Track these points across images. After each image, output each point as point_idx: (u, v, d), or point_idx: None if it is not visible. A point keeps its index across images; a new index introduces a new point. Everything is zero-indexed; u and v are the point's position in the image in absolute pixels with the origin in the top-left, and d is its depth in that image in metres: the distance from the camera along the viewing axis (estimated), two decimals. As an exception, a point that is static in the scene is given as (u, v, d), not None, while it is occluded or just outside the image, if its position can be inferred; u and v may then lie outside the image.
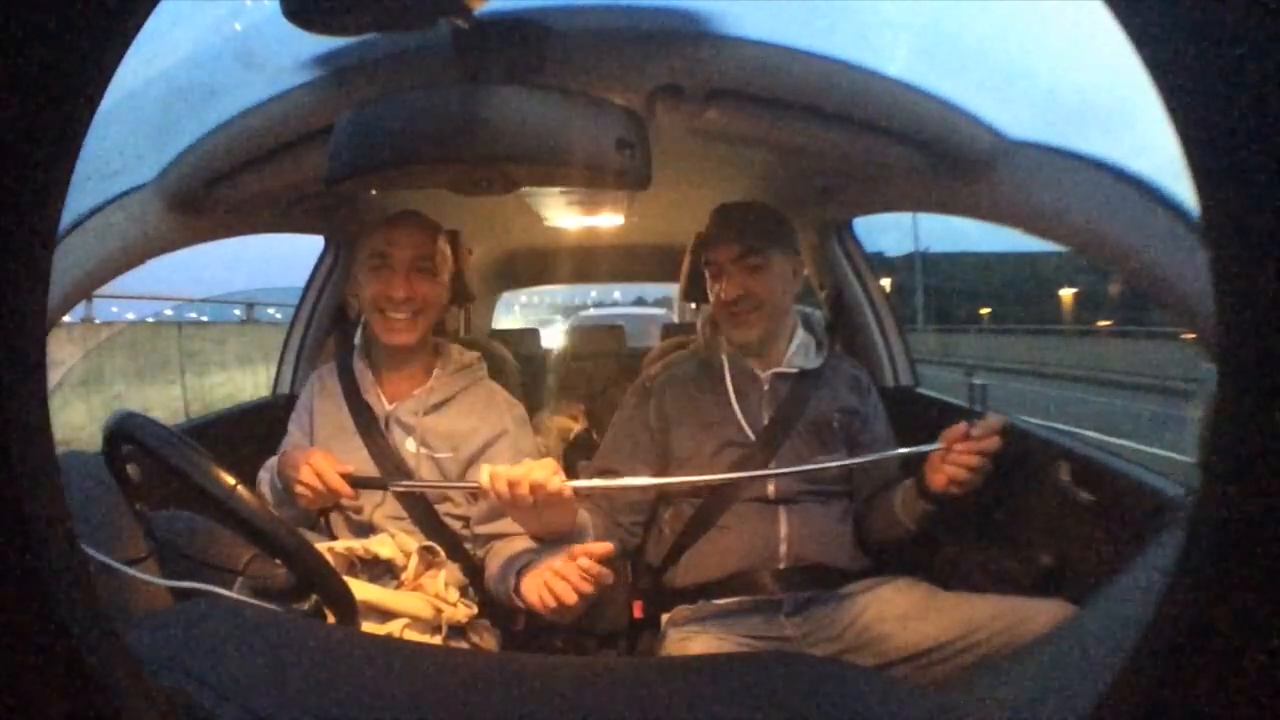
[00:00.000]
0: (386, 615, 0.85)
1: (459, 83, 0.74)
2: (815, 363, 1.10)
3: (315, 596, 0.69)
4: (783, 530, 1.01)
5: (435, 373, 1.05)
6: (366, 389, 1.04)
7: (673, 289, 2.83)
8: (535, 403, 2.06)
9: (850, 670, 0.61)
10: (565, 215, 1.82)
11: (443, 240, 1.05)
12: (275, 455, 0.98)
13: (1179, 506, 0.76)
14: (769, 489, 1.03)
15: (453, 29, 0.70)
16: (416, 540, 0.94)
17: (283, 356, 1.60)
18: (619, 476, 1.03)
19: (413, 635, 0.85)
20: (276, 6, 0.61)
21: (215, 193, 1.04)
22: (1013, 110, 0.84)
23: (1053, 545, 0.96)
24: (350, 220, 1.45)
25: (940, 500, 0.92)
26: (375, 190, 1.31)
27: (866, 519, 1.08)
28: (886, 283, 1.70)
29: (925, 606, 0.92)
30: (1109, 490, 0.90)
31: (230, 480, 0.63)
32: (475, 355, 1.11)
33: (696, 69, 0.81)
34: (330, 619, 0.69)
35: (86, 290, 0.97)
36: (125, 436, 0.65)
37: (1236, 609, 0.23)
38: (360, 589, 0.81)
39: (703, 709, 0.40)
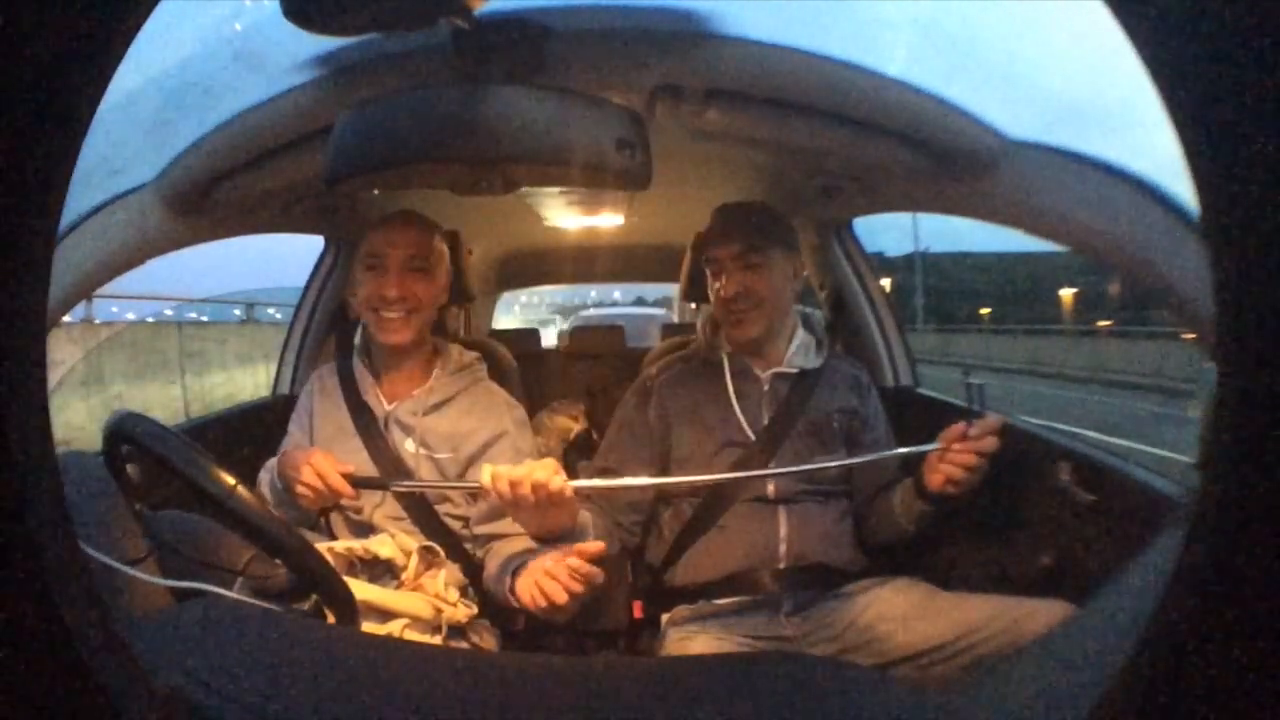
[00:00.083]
0: (386, 615, 0.85)
1: (459, 83, 0.74)
2: (815, 362, 1.10)
3: (315, 596, 0.69)
4: (782, 530, 1.01)
5: (435, 373, 1.04)
6: (366, 389, 1.04)
7: (673, 289, 2.84)
8: (535, 403, 2.06)
9: (850, 670, 0.61)
10: (565, 215, 1.82)
11: (438, 239, 1.04)
12: (275, 456, 0.98)
13: (1179, 506, 0.76)
14: (769, 489, 1.03)
15: (453, 29, 0.70)
16: (416, 540, 0.94)
17: (283, 357, 1.60)
18: (619, 476, 1.03)
19: (413, 635, 0.85)
20: (276, 6, 0.61)
21: (215, 193, 1.03)
22: (1013, 110, 0.84)
23: (1053, 545, 0.96)
24: (350, 220, 1.45)
25: (938, 500, 0.92)
26: (375, 190, 1.31)
27: (866, 519, 1.08)
28: (886, 283, 1.70)
29: (925, 606, 0.92)
30: (1109, 490, 0.90)
31: (230, 480, 0.63)
32: (475, 355, 1.11)
33: (696, 69, 0.81)
34: (330, 619, 0.69)
35: (86, 290, 0.97)
36: (125, 436, 0.65)
37: (1236, 609, 0.23)
38: (360, 589, 0.81)
39: (703, 709, 0.40)
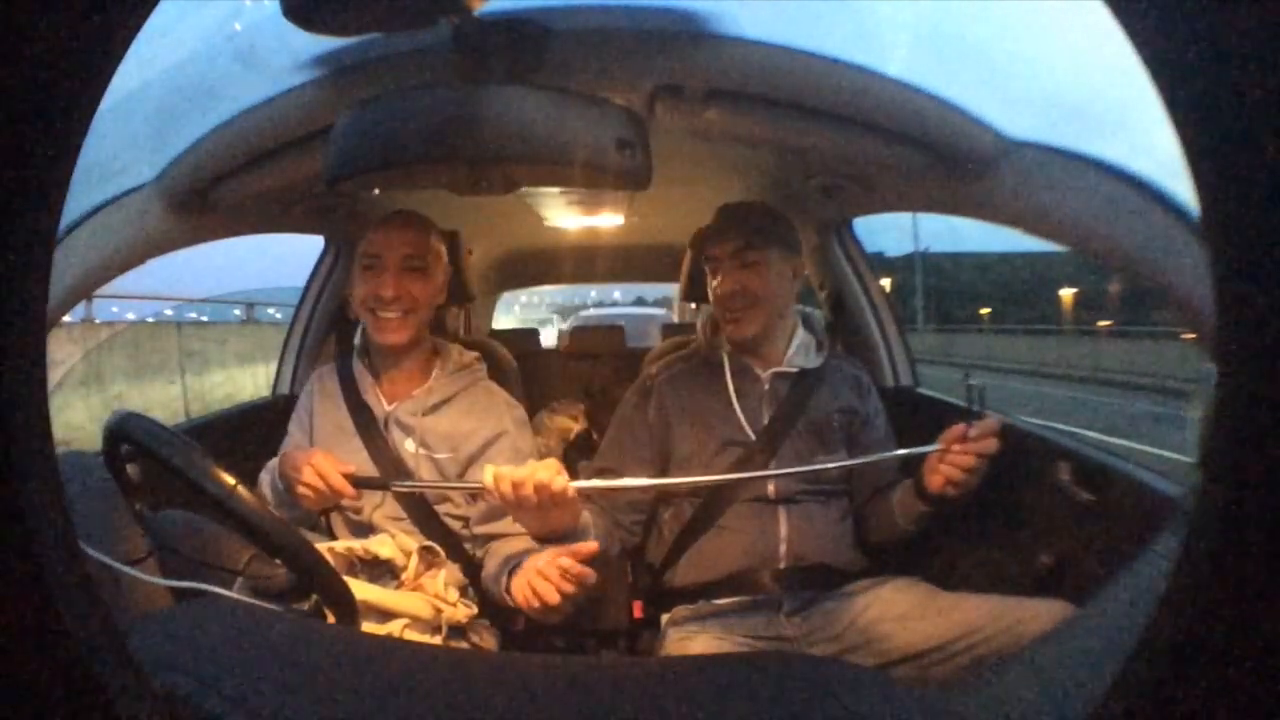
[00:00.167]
0: (386, 615, 0.85)
1: (459, 83, 0.74)
2: (815, 362, 1.10)
3: (315, 596, 0.69)
4: (783, 530, 1.01)
5: (434, 373, 1.04)
6: (365, 390, 1.04)
7: (673, 289, 2.84)
8: (535, 403, 2.06)
9: (850, 670, 0.60)
10: (565, 215, 1.82)
11: (435, 239, 1.04)
12: (275, 456, 0.98)
13: (1179, 506, 0.76)
14: (769, 489, 1.03)
15: (453, 29, 0.70)
16: (416, 540, 0.94)
17: (283, 357, 1.60)
18: (619, 476, 1.03)
19: (413, 635, 0.85)
20: (276, 6, 0.61)
21: (215, 193, 1.03)
22: (1013, 110, 0.84)
23: (1053, 545, 0.96)
24: (350, 220, 1.45)
25: (937, 501, 0.93)
26: (375, 190, 1.31)
27: (865, 519, 1.08)
28: (886, 283, 1.70)
29: (925, 606, 0.92)
30: (1109, 490, 0.90)
31: (230, 480, 0.63)
32: (474, 355, 1.11)
33: (696, 69, 0.81)
34: (330, 619, 0.69)
35: (86, 290, 0.97)
36: (125, 436, 0.65)
37: (1236, 609, 0.23)
38: (360, 589, 0.81)
39: (703, 709, 0.40)
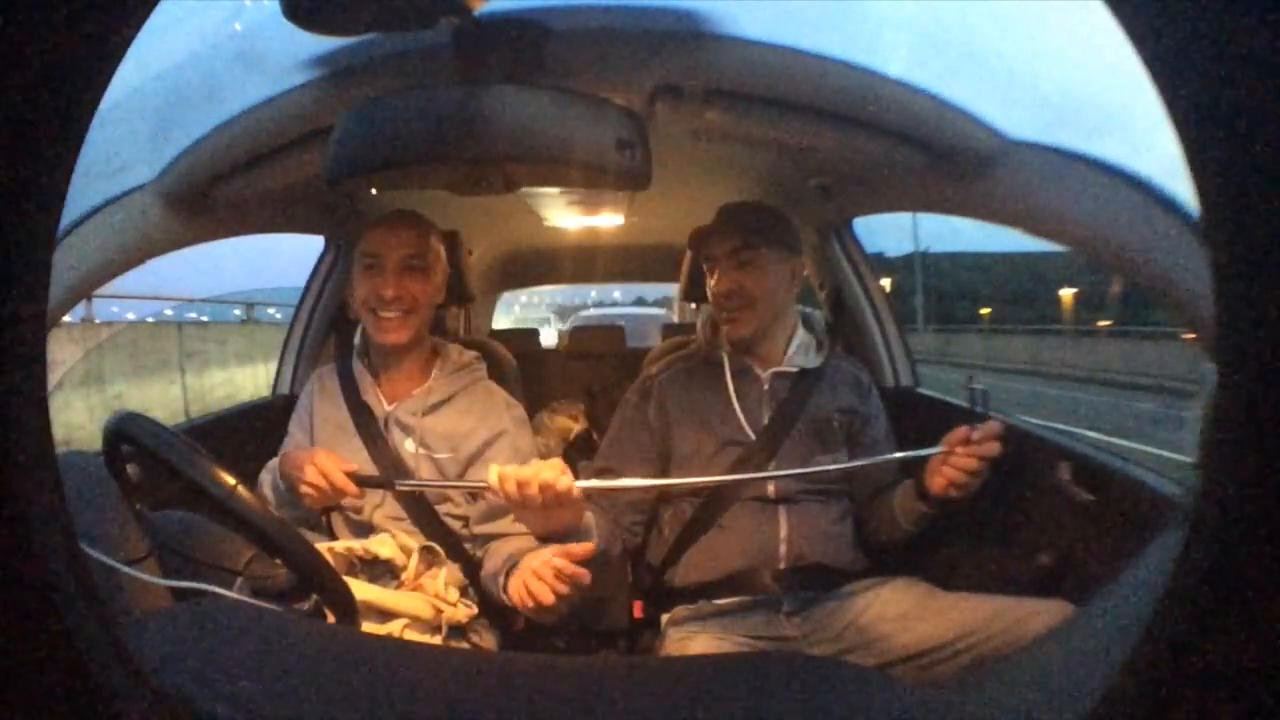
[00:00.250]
0: (386, 615, 0.85)
1: (459, 83, 0.74)
2: (815, 362, 1.10)
3: (315, 596, 0.69)
4: (783, 530, 1.01)
5: (434, 373, 1.04)
6: (365, 390, 1.04)
7: (673, 289, 2.84)
8: (535, 403, 2.06)
9: (850, 670, 0.60)
10: (565, 215, 1.83)
11: (435, 239, 1.04)
12: (276, 456, 0.98)
13: (1179, 506, 0.76)
14: (769, 489, 1.03)
15: (453, 29, 0.70)
16: (416, 540, 0.94)
17: (283, 357, 1.60)
18: (620, 476, 1.03)
19: (413, 635, 0.85)
20: (276, 6, 0.61)
21: (215, 193, 1.04)
22: (1013, 110, 0.84)
23: (1053, 545, 0.96)
24: (350, 220, 1.45)
25: (938, 503, 0.93)
26: (375, 190, 1.31)
27: (866, 519, 1.08)
28: (886, 283, 1.69)
29: (925, 606, 0.92)
30: (1109, 490, 0.90)
31: (230, 480, 0.63)
32: (474, 355, 1.11)
33: (696, 69, 0.81)
34: (330, 619, 0.69)
35: (86, 290, 0.98)
36: (125, 436, 0.65)
37: (1236, 609, 0.23)
38: (360, 589, 0.81)
39: (703, 709, 0.40)
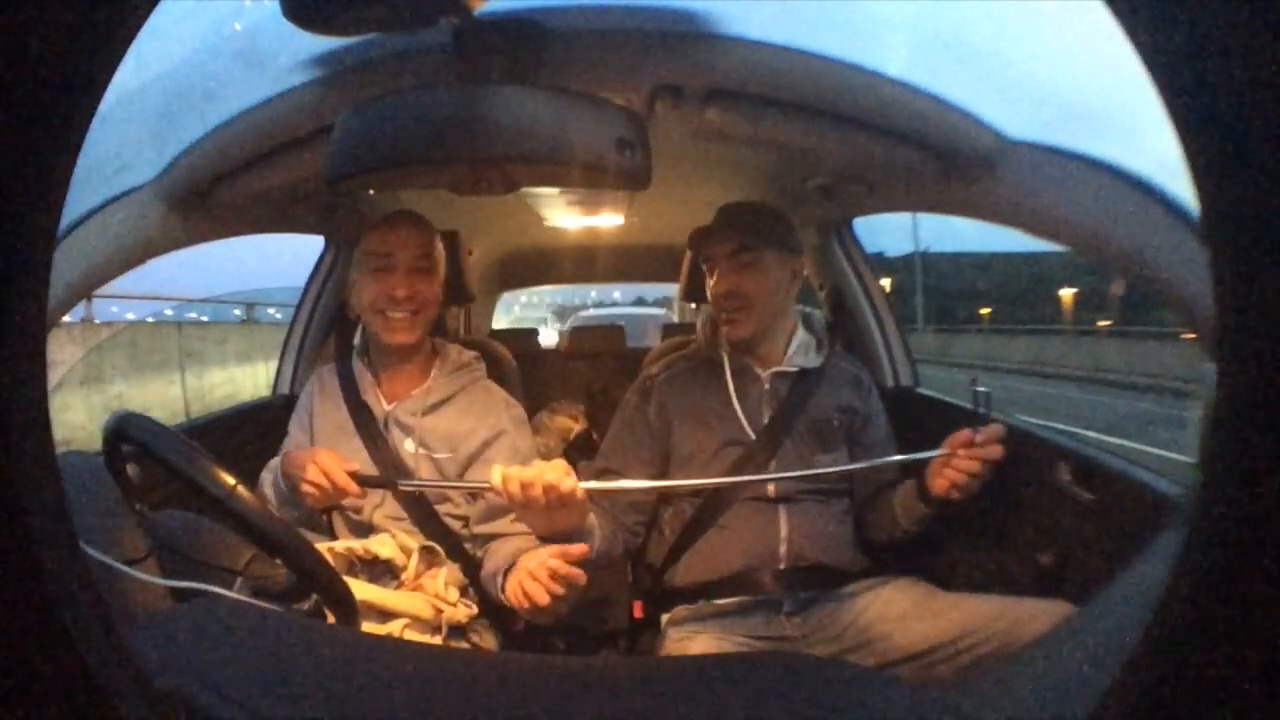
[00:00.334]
0: (386, 615, 0.85)
1: (459, 83, 0.74)
2: (816, 362, 1.10)
3: (315, 596, 0.69)
4: (783, 530, 1.01)
5: (433, 373, 1.05)
6: (365, 389, 1.04)
7: (673, 289, 2.84)
8: (535, 403, 2.06)
9: (851, 670, 0.60)
10: (565, 215, 1.83)
11: (437, 239, 1.05)
12: (276, 455, 0.98)
13: (1179, 506, 0.76)
14: (769, 488, 1.03)
15: (453, 29, 0.70)
16: (416, 540, 0.94)
17: (283, 356, 1.60)
18: (620, 476, 1.03)
19: (413, 635, 0.85)
20: (276, 6, 0.61)
21: (215, 193, 1.03)
22: (1013, 110, 0.84)
23: (1053, 545, 0.96)
24: (350, 220, 1.45)
25: (940, 504, 0.93)
26: (375, 190, 1.31)
27: (866, 519, 1.08)
28: (886, 283, 1.69)
29: (925, 606, 0.93)
30: (1109, 490, 0.90)
31: (230, 480, 0.63)
32: (473, 355, 1.11)
33: (696, 69, 0.81)
34: (330, 619, 0.69)
35: (86, 290, 0.97)
36: (125, 436, 0.65)
37: (1236, 609, 0.23)
38: (360, 589, 0.81)
39: (703, 709, 0.40)
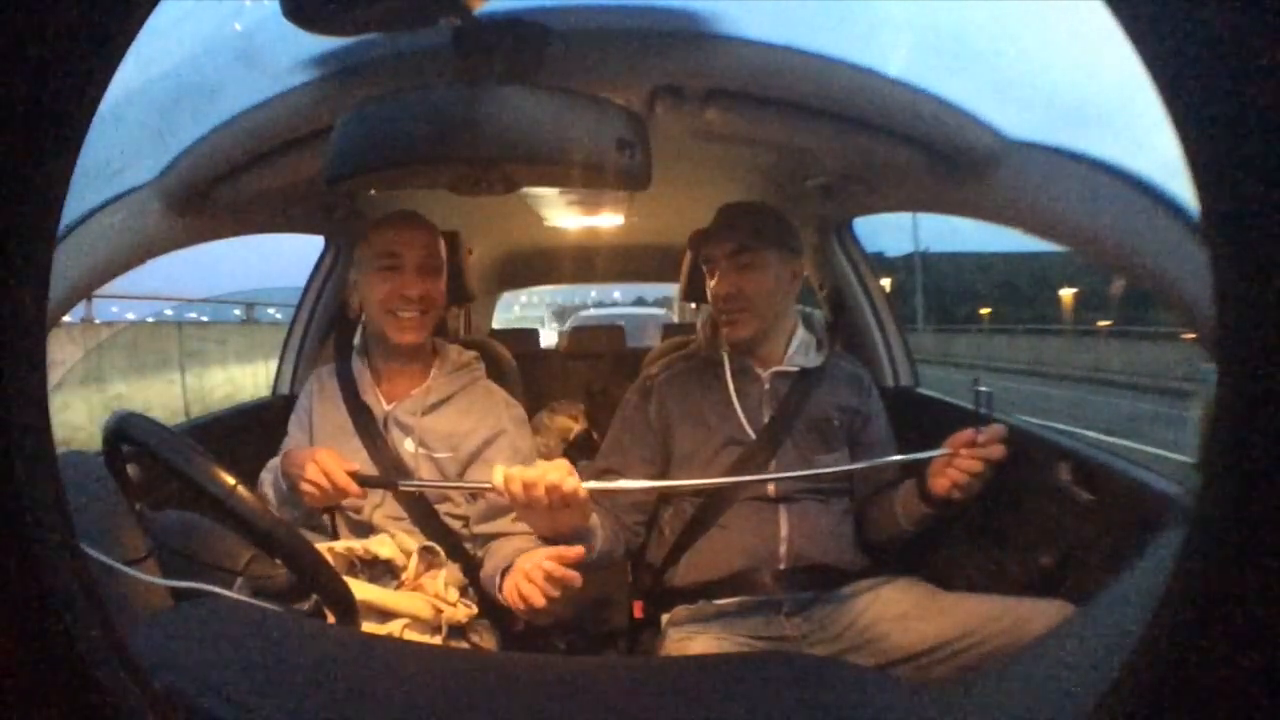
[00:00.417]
0: (386, 615, 0.85)
1: (459, 83, 0.74)
2: (816, 361, 1.10)
3: (315, 596, 0.69)
4: (783, 530, 1.01)
5: (433, 373, 1.05)
6: (365, 389, 1.04)
7: (673, 289, 2.83)
8: (535, 403, 2.06)
9: (851, 670, 0.61)
10: (565, 215, 1.82)
11: (441, 239, 1.06)
12: (277, 455, 0.98)
13: (1179, 506, 0.76)
14: (769, 488, 1.03)
15: (453, 29, 0.70)
16: (416, 540, 0.94)
17: (283, 356, 1.60)
18: (620, 476, 1.03)
19: (413, 635, 0.85)
20: (276, 6, 0.61)
21: (215, 193, 1.03)
22: (1013, 110, 0.84)
23: (1053, 545, 0.96)
24: (350, 220, 1.45)
25: (941, 504, 0.93)
26: (375, 190, 1.31)
27: (866, 518, 1.08)
28: (886, 283, 1.69)
29: (925, 606, 0.92)
30: (1109, 490, 0.90)
31: (230, 480, 0.63)
32: (473, 355, 1.11)
33: (696, 69, 0.81)
34: (330, 619, 0.69)
35: (86, 290, 0.97)
36: (125, 436, 0.65)
37: (1236, 609, 0.23)
38: (360, 589, 0.81)
39: (703, 709, 0.40)
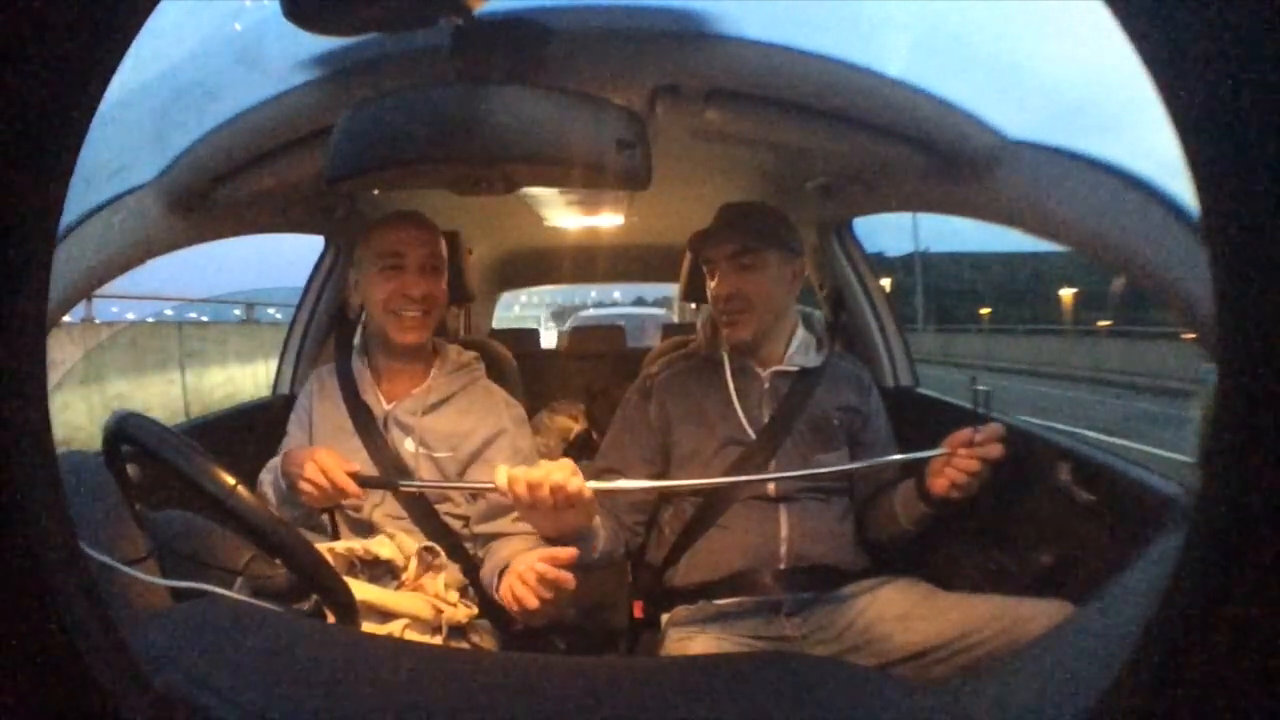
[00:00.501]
0: (386, 615, 0.85)
1: (459, 83, 0.74)
2: (816, 361, 1.10)
3: (315, 596, 0.69)
4: (783, 530, 1.01)
5: (433, 373, 1.05)
6: (365, 389, 1.04)
7: (673, 289, 2.84)
8: (535, 403, 2.06)
9: (850, 670, 0.60)
10: (565, 215, 1.82)
11: (442, 239, 1.06)
12: (276, 455, 0.98)
13: (1179, 506, 0.76)
14: (769, 487, 1.03)
15: (453, 29, 0.70)
16: (416, 540, 0.94)
17: (283, 356, 1.60)
18: (620, 476, 1.03)
19: (413, 635, 0.85)
20: (276, 6, 0.61)
21: (215, 193, 1.03)
22: (1013, 110, 0.84)
23: (1053, 545, 0.96)
24: (350, 220, 1.45)
25: (940, 504, 0.93)
26: (375, 190, 1.31)
27: (866, 518, 1.08)
28: (886, 283, 1.69)
29: (925, 606, 0.92)
30: (1109, 490, 0.90)
31: (230, 480, 0.63)
32: (473, 355, 1.11)
33: (696, 69, 0.81)
34: (330, 619, 0.69)
35: (86, 290, 0.97)
36: (125, 436, 0.65)
37: (1236, 609, 0.23)
38: (360, 589, 0.81)
39: (703, 709, 0.40)
